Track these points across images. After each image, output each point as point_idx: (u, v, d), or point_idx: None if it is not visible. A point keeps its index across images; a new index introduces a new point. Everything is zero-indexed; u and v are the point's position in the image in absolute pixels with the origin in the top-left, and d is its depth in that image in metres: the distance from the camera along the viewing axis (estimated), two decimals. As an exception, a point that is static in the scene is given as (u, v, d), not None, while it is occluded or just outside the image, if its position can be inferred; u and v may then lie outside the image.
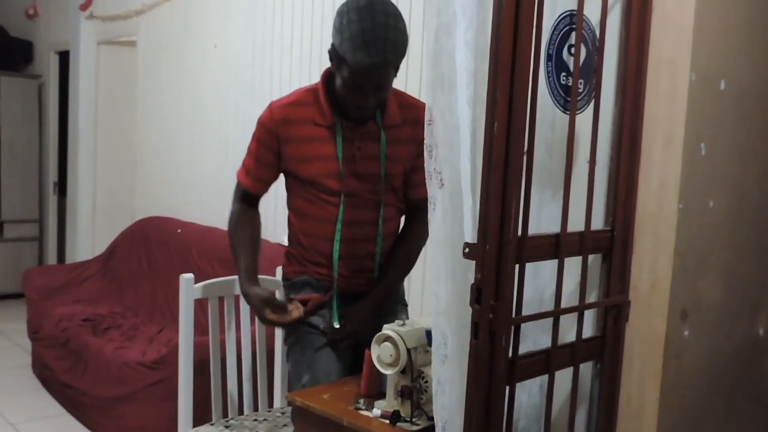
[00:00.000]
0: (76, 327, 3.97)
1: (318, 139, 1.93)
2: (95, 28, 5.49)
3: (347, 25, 1.76)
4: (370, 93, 1.84)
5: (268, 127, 1.95)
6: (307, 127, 1.93)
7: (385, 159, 1.96)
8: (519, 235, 1.32)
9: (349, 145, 1.93)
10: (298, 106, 1.95)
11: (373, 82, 1.81)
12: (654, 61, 1.53)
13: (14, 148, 6.23)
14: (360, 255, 2.00)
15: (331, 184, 1.93)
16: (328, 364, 1.96)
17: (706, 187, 1.59)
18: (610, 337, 1.57)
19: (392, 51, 1.76)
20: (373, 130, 1.95)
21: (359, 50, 1.74)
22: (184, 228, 4.33)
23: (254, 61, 3.95)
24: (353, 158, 1.94)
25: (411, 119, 1.96)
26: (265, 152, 1.97)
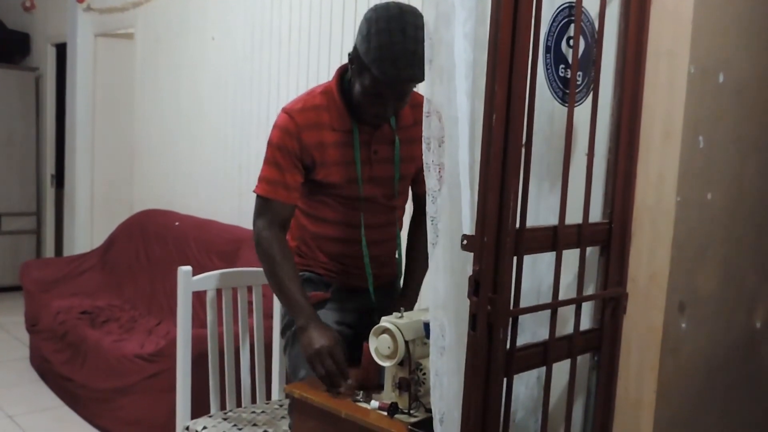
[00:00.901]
0: (74, 320, 3.97)
1: (337, 144, 1.90)
2: (92, 21, 5.48)
3: (376, 35, 1.72)
4: (391, 103, 1.82)
5: (291, 131, 1.87)
6: (326, 132, 1.89)
7: (400, 161, 1.96)
8: (517, 228, 1.32)
9: (366, 150, 1.93)
10: (316, 111, 1.90)
11: (396, 93, 1.80)
12: (653, 53, 1.53)
13: (12, 141, 6.22)
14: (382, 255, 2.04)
15: (351, 190, 1.93)
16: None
17: (705, 180, 1.59)
18: (607, 329, 1.57)
19: (419, 66, 1.66)
20: (387, 133, 1.94)
21: (388, 63, 1.71)
22: (182, 221, 4.33)
23: (253, 53, 3.94)
24: (370, 162, 1.93)
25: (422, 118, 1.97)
26: (290, 158, 1.89)
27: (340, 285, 2.04)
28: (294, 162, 1.89)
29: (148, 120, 5.03)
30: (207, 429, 2.20)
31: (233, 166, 4.11)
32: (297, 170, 1.90)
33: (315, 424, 1.75)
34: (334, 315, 2.02)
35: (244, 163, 3.97)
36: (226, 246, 3.78)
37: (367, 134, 1.92)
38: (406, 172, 2.01)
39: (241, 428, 2.21)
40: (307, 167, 1.91)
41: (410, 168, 2.01)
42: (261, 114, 3.84)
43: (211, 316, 2.30)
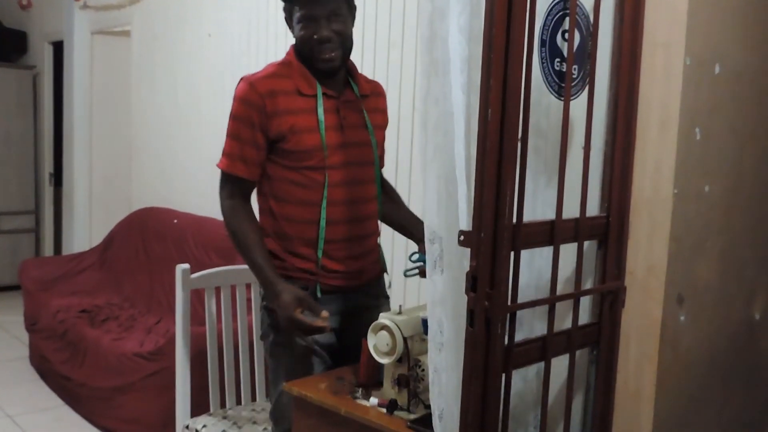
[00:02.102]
0: (74, 318, 3.97)
1: (304, 110, 1.89)
2: (89, 18, 5.46)
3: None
4: (325, 23, 1.85)
5: (253, 101, 1.86)
6: (292, 97, 1.88)
7: (372, 128, 1.99)
8: (514, 222, 1.32)
9: (334, 116, 1.92)
10: (278, 78, 1.90)
11: (325, 8, 1.84)
12: (648, 45, 1.52)
13: (9, 139, 6.21)
14: (352, 237, 1.96)
15: (319, 157, 1.89)
16: (307, 371, 1.92)
17: (702, 172, 1.59)
18: (606, 323, 1.57)
19: None
20: (353, 99, 1.96)
21: None
22: (180, 218, 4.32)
23: (249, 49, 3.93)
24: (341, 128, 1.92)
25: (375, 91, 2.06)
26: (251, 131, 1.87)
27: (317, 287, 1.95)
28: (255, 135, 1.87)
29: (146, 117, 5.02)
30: (207, 427, 2.20)
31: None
32: (257, 145, 1.88)
33: (314, 422, 1.75)
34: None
35: (242, 159, 3.95)
36: (225, 243, 3.76)
37: (333, 100, 1.92)
38: (378, 139, 2.02)
39: (241, 426, 2.21)
40: (275, 138, 1.87)
41: (380, 134, 2.04)
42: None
43: (210, 314, 2.30)
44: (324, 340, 1.95)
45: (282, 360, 1.95)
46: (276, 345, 1.96)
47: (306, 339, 1.92)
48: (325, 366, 1.95)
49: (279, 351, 1.96)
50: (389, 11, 3.00)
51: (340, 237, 1.94)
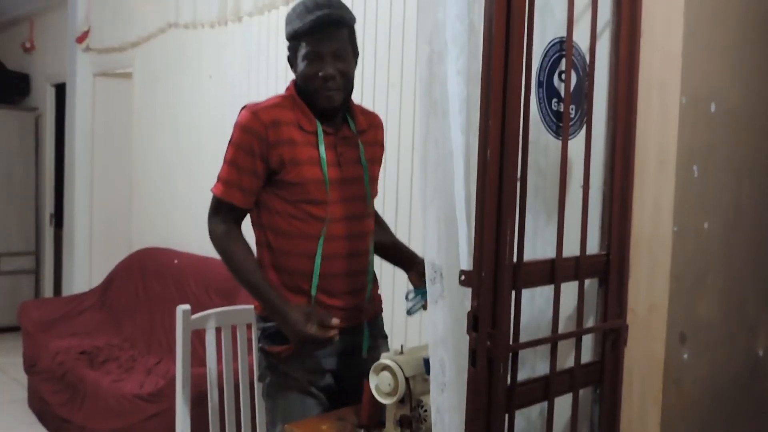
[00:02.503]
0: (73, 360, 3.94)
1: (305, 144, 1.90)
2: (91, 61, 5.53)
3: (294, 9, 1.91)
4: (330, 61, 1.87)
5: (255, 130, 1.86)
6: (294, 129, 1.90)
7: (368, 162, 2.01)
8: (515, 262, 1.32)
9: (333, 152, 1.94)
10: (281, 109, 1.91)
11: (331, 46, 1.87)
12: (644, 85, 1.54)
13: (11, 181, 6.24)
14: (348, 272, 1.95)
15: (319, 192, 1.90)
16: (304, 413, 1.91)
17: (701, 209, 1.59)
18: (608, 361, 1.56)
19: (338, 7, 1.89)
20: (349, 135, 1.98)
21: (308, 14, 1.85)
22: (180, 258, 4.32)
23: (249, 91, 3.98)
24: (338, 164, 1.94)
25: (373, 123, 2.09)
26: (251, 159, 1.87)
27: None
28: (254, 164, 1.87)
29: (147, 158, 5.05)
30: (207, 470, 2.18)
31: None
32: (256, 174, 1.88)
33: (316, 464, 1.73)
34: (308, 362, 1.93)
35: (243, 199, 3.97)
36: (226, 283, 3.76)
37: (331, 136, 1.94)
38: (373, 174, 2.05)
39: (242, 468, 2.18)
40: (274, 169, 1.88)
41: (375, 169, 2.07)
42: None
43: (210, 356, 2.29)
44: (321, 382, 1.94)
45: (279, 401, 1.94)
46: (272, 386, 1.95)
47: (303, 380, 1.92)
48: (323, 408, 1.94)
49: (275, 392, 1.95)
50: (388, 52, 3.04)
51: (338, 271, 1.93)
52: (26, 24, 6.58)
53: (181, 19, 4.48)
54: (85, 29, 5.45)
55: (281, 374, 1.93)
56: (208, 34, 4.32)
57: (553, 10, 1.43)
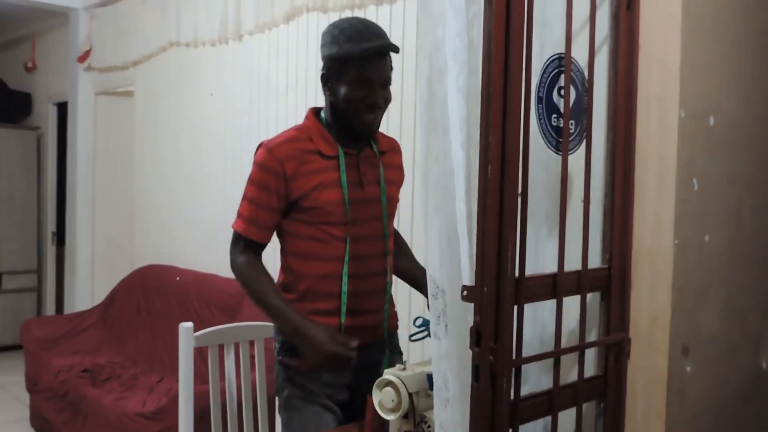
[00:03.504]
0: (75, 378, 3.94)
1: (326, 169, 1.93)
2: (93, 79, 5.57)
3: (342, 31, 1.90)
4: (379, 88, 1.90)
5: (271, 167, 1.90)
6: (313, 158, 1.93)
7: (388, 183, 2.03)
8: (516, 276, 1.33)
9: (355, 172, 1.97)
10: (296, 142, 1.94)
11: (380, 74, 1.90)
12: (643, 99, 1.55)
13: (13, 199, 6.26)
14: (369, 291, 1.99)
15: (339, 213, 1.93)
16: (320, 427, 1.93)
17: (701, 222, 1.60)
18: (612, 375, 1.56)
19: (386, 35, 1.91)
20: (371, 156, 2.01)
21: (364, 41, 1.86)
22: (183, 275, 4.32)
23: (250, 108, 4.00)
24: (361, 184, 1.97)
25: (392, 147, 2.12)
26: (269, 196, 1.91)
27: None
28: (271, 200, 1.91)
29: (148, 176, 5.07)
30: (211, 488, 2.17)
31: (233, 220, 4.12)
32: (272, 210, 1.93)
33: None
34: (326, 377, 1.96)
35: (244, 215, 3.98)
36: (228, 300, 3.77)
37: (353, 157, 1.97)
38: (392, 195, 2.07)
39: (246, 486, 2.17)
40: (295, 200, 1.91)
41: (395, 190, 2.09)
42: (260, 167, 3.87)
43: (213, 373, 2.29)
44: (339, 396, 1.97)
45: (296, 414, 1.96)
46: (290, 399, 1.98)
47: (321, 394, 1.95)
48: (338, 422, 1.96)
49: (293, 405, 1.97)
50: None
51: (359, 291, 1.97)
52: (28, 44, 6.62)
53: (182, 38, 4.51)
54: (86, 48, 5.49)
55: (300, 387, 1.96)
56: (209, 53, 4.35)
57: (551, 26, 1.44)
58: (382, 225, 2.01)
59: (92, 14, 5.47)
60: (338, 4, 3.34)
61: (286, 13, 3.66)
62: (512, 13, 1.26)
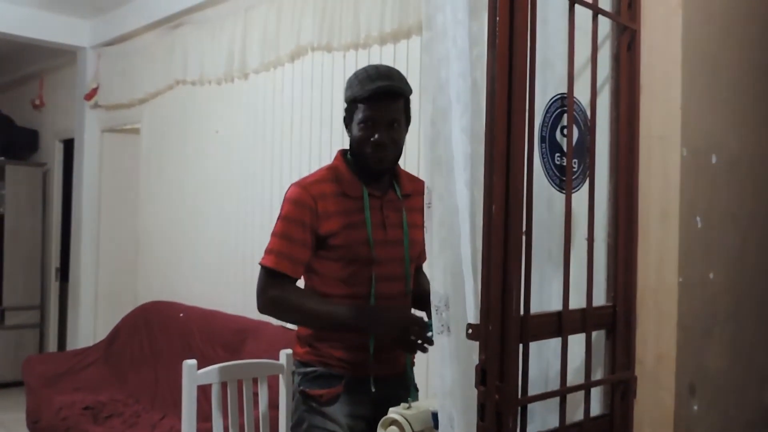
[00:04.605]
0: (77, 416, 3.90)
1: (352, 210, 2.00)
2: (99, 117, 5.63)
3: (356, 76, 2.01)
4: (385, 129, 1.96)
5: (305, 203, 1.96)
6: (340, 199, 2.00)
7: (409, 226, 2.07)
8: (521, 315, 1.33)
9: (379, 214, 2.02)
10: (325, 183, 2.02)
11: (387, 115, 1.96)
12: (645, 138, 1.57)
13: (18, 235, 6.27)
14: None
15: (365, 252, 1.98)
16: None
17: (705, 259, 1.60)
18: (618, 414, 1.55)
19: (398, 79, 1.99)
20: (394, 199, 2.07)
21: (370, 82, 1.95)
22: (186, 312, 4.32)
23: (255, 145, 4.03)
24: (384, 226, 2.02)
25: (417, 190, 2.11)
26: (302, 230, 1.96)
27: (353, 376, 2.01)
28: (305, 236, 1.96)
29: (153, 212, 5.09)
30: None
31: (237, 257, 4.13)
32: (306, 245, 1.97)
33: None
34: (347, 408, 1.99)
35: (248, 253, 3.98)
36: (232, 337, 3.76)
37: (377, 200, 2.04)
38: (416, 237, 2.09)
39: None
40: (323, 237, 1.97)
41: (418, 233, 2.09)
42: (264, 205, 3.89)
43: (216, 412, 2.27)
44: (357, 428, 1.99)
45: None
46: (312, 429, 1.99)
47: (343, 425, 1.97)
48: None
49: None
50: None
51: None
52: (36, 81, 6.71)
53: (188, 76, 4.57)
54: (93, 86, 5.56)
55: (322, 415, 1.98)
56: (214, 91, 4.40)
57: (553, 66, 1.46)
58: (404, 267, 2.06)
59: (99, 53, 5.55)
60: (342, 43, 3.39)
61: (291, 52, 3.71)
62: (515, 54, 1.28)
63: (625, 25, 1.57)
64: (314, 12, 3.55)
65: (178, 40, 4.65)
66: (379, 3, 3.16)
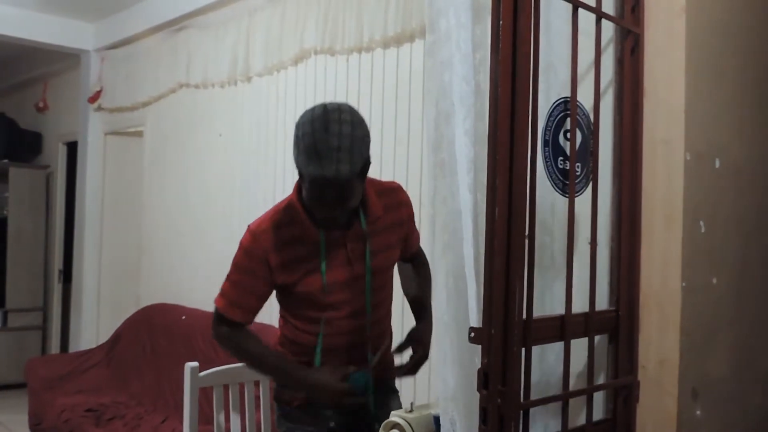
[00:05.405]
0: (79, 418, 3.90)
1: (308, 257, 1.86)
2: (103, 120, 5.63)
3: (302, 138, 1.71)
4: (334, 204, 1.75)
5: (256, 255, 1.86)
6: (295, 247, 1.86)
7: (374, 255, 1.91)
8: (524, 318, 1.32)
9: (340, 251, 1.88)
10: (280, 229, 1.86)
11: (335, 193, 1.72)
12: (648, 142, 1.57)
13: (21, 237, 6.28)
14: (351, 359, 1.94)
15: (319, 298, 1.88)
16: None
17: (709, 264, 1.60)
18: (621, 419, 1.55)
19: (345, 161, 1.67)
20: (359, 231, 1.89)
21: (312, 163, 1.67)
22: (188, 314, 4.32)
23: (258, 148, 4.03)
24: (348, 262, 1.89)
25: (392, 204, 1.96)
26: (253, 281, 1.88)
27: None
28: (257, 286, 1.89)
29: (156, 215, 5.09)
30: None
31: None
32: (258, 295, 1.91)
33: None
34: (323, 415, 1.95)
35: (251, 255, 3.99)
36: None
37: (340, 236, 1.87)
38: (385, 264, 1.96)
39: None
40: (280, 286, 1.90)
41: (391, 257, 1.98)
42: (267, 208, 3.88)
43: (218, 414, 2.27)
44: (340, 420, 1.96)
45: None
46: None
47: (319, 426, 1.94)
48: None
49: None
50: (395, 108, 3.09)
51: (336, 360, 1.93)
52: (40, 84, 6.72)
53: (192, 80, 4.57)
54: (97, 89, 5.56)
55: (295, 421, 1.97)
56: (218, 94, 4.40)
57: (556, 70, 1.46)
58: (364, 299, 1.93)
59: (103, 56, 5.56)
60: (345, 47, 3.39)
61: (295, 55, 3.71)
62: (518, 58, 1.28)
63: (628, 29, 1.57)
64: (317, 16, 3.55)
65: (182, 43, 4.66)
66: (383, 7, 3.16)
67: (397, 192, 2.01)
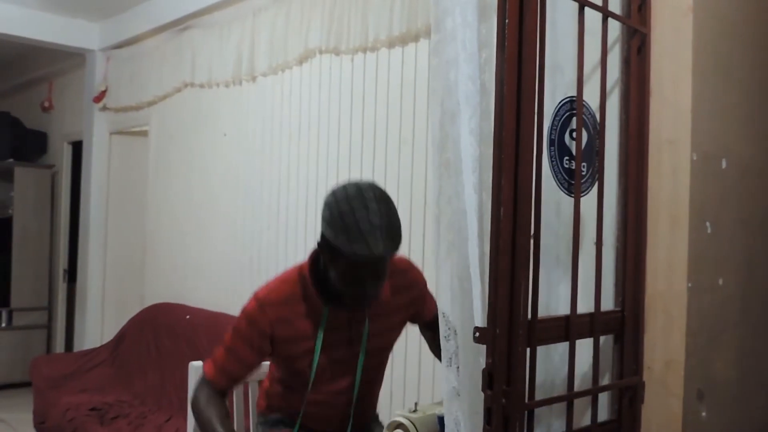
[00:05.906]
0: (83, 416, 3.91)
1: (312, 334, 1.83)
2: (108, 119, 5.64)
3: (340, 217, 1.64)
4: (369, 283, 1.71)
5: (259, 326, 1.80)
6: (302, 322, 1.82)
7: (378, 335, 1.88)
8: (529, 319, 1.32)
9: (343, 332, 1.85)
10: (288, 304, 1.82)
11: (375, 272, 1.69)
12: (655, 142, 1.56)
13: (26, 237, 6.30)
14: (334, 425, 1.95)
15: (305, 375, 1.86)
16: None
17: (715, 265, 1.59)
18: (626, 420, 1.54)
19: (390, 239, 1.63)
20: (363, 312, 1.86)
21: (357, 242, 1.61)
22: (192, 314, 4.32)
23: (263, 148, 4.04)
24: (349, 341, 1.86)
25: (402, 285, 1.91)
26: (249, 351, 1.82)
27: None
28: (250, 356, 1.83)
29: (161, 215, 5.10)
30: None
31: (244, 260, 4.13)
32: (247, 365, 1.85)
33: None
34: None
35: (255, 256, 3.99)
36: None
37: (345, 315, 1.84)
38: (382, 345, 1.92)
39: None
40: (276, 354, 1.86)
41: (388, 339, 1.93)
42: (272, 208, 3.89)
43: (222, 413, 2.27)
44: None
45: None
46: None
47: None
48: None
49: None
50: (400, 108, 3.09)
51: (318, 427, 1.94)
52: (45, 84, 6.73)
53: (196, 79, 4.58)
54: (102, 89, 5.57)
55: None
56: (223, 94, 4.40)
57: (562, 69, 1.46)
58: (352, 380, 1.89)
59: (108, 56, 5.57)
60: (350, 47, 3.39)
61: (300, 55, 3.71)
62: (524, 57, 1.28)
63: (635, 28, 1.57)
64: (322, 15, 3.55)
65: (187, 43, 4.66)
66: (388, 6, 3.16)
67: (408, 272, 1.95)
